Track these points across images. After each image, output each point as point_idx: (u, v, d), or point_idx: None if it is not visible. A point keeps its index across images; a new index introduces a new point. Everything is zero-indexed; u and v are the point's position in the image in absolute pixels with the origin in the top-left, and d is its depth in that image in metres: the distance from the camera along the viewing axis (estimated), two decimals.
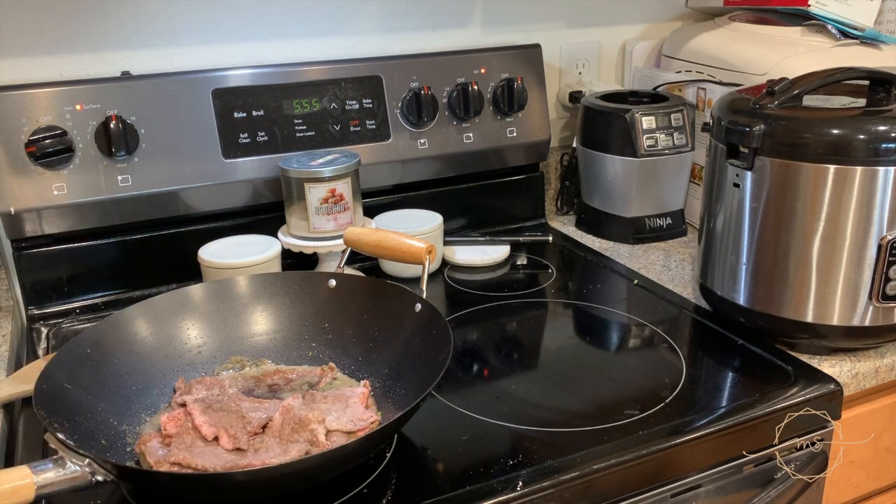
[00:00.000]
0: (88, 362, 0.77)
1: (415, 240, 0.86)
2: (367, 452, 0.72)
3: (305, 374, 0.84)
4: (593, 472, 0.72)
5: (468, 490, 0.69)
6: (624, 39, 1.43)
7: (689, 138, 1.23)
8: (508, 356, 0.93)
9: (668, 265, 1.17)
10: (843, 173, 0.82)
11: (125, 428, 0.75)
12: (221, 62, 1.15)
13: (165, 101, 1.05)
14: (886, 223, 0.83)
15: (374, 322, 0.86)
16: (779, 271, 0.88)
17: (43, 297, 1.05)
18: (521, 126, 1.26)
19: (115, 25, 1.08)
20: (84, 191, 1.02)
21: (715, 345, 0.94)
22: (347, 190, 1.05)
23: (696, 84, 1.27)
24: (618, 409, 0.81)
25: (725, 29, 1.29)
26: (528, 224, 1.34)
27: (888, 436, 0.97)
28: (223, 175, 1.08)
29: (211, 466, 0.69)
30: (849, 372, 0.88)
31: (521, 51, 1.25)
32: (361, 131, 1.16)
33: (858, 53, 1.17)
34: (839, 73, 0.88)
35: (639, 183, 1.23)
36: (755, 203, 0.88)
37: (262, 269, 1.00)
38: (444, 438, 0.78)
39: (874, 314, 0.86)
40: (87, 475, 0.62)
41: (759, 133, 0.85)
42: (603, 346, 0.96)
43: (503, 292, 1.09)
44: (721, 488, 0.81)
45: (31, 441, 0.79)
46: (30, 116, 0.99)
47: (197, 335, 0.86)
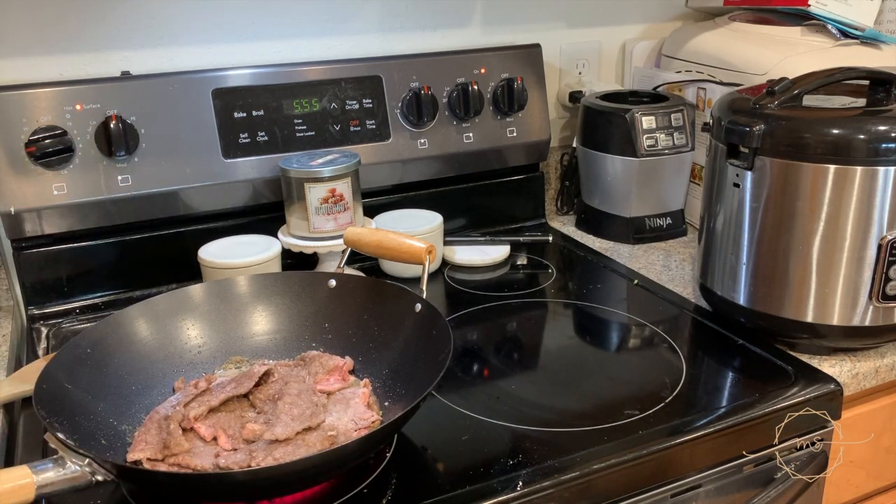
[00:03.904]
0: (88, 362, 0.77)
1: (415, 240, 0.86)
2: (367, 452, 0.72)
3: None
4: (593, 472, 0.72)
5: (468, 490, 0.69)
6: (624, 39, 1.43)
7: (689, 138, 1.23)
8: (508, 356, 0.93)
9: (668, 265, 1.17)
10: (843, 173, 0.82)
11: (125, 428, 0.75)
12: (221, 62, 1.15)
13: (165, 101, 1.05)
14: (886, 223, 0.83)
15: (374, 322, 0.86)
16: (779, 271, 0.88)
17: (43, 297, 1.05)
18: (521, 126, 1.26)
19: (115, 25, 1.08)
20: (84, 191, 1.02)
21: (715, 345, 0.94)
22: (347, 190, 1.05)
23: (696, 84, 1.27)
24: (618, 409, 0.81)
25: (725, 29, 1.29)
26: (528, 224, 1.34)
27: (888, 436, 0.97)
28: (223, 175, 1.08)
29: (210, 466, 0.69)
30: (849, 372, 0.88)
31: (521, 51, 1.25)
32: (361, 131, 1.16)
33: (858, 53, 1.17)
34: (839, 73, 0.88)
35: (639, 183, 1.23)
36: (755, 203, 0.88)
37: (262, 269, 1.00)
38: (444, 438, 0.78)
39: (874, 314, 0.86)
40: (87, 475, 0.62)
41: (759, 133, 0.85)
42: (603, 346, 0.96)
43: (503, 292, 1.09)
44: (721, 488, 0.81)
45: (31, 441, 0.79)
46: (30, 116, 0.99)
47: (197, 335, 0.86)
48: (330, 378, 0.81)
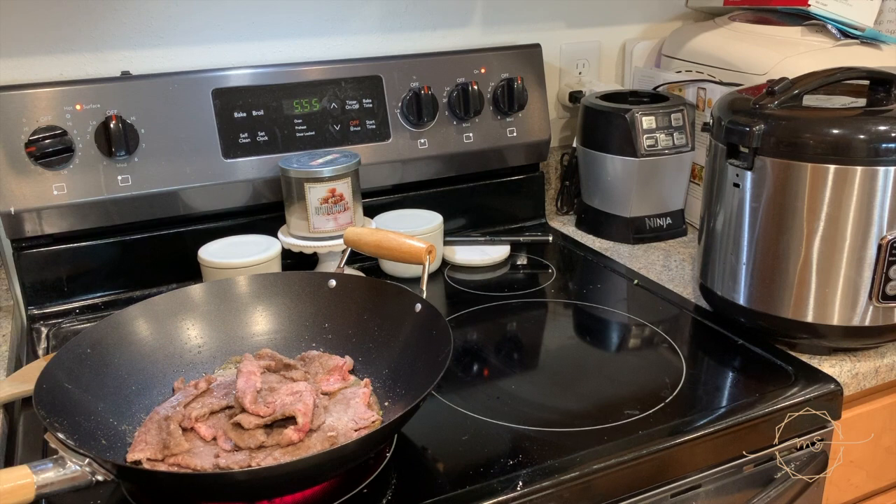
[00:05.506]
0: (88, 362, 0.77)
1: (415, 240, 0.86)
2: (367, 452, 0.72)
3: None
4: (593, 472, 0.72)
5: (468, 490, 0.69)
6: (624, 39, 1.43)
7: (689, 138, 1.23)
8: (508, 356, 0.93)
9: (668, 265, 1.17)
10: (843, 173, 0.82)
11: (125, 428, 0.75)
12: (221, 62, 1.15)
13: (165, 101, 1.05)
14: (886, 223, 0.83)
15: (374, 322, 0.86)
16: (779, 271, 0.88)
17: (43, 297, 1.05)
18: (521, 126, 1.26)
19: (115, 25, 1.08)
20: (84, 191, 1.02)
21: (715, 345, 0.94)
22: (347, 190, 1.05)
23: (696, 84, 1.27)
24: (618, 409, 0.81)
25: (725, 29, 1.29)
26: (528, 224, 1.34)
27: (888, 436, 0.97)
28: (223, 175, 1.08)
29: (210, 466, 0.69)
30: (849, 372, 0.88)
31: (521, 51, 1.25)
32: (361, 131, 1.16)
33: (858, 53, 1.17)
34: (839, 73, 0.88)
35: (639, 183, 1.23)
36: (755, 203, 0.88)
37: (262, 269, 1.00)
38: (444, 438, 0.78)
39: (874, 314, 0.86)
40: (87, 475, 0.62)
41: (759, 133, 0.85)
42: (603, 346, 0.96)
43: (503, 292, 1.09)
44: (721, 488, 0.81)
45: (31, 441, 0.79)
46: (30, 116, 0.99)
47: (197, 335, 0.86)
48: (330, 378, 0.81)
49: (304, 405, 0.72)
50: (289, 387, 0.76)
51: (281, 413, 0.72)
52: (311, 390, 0.75)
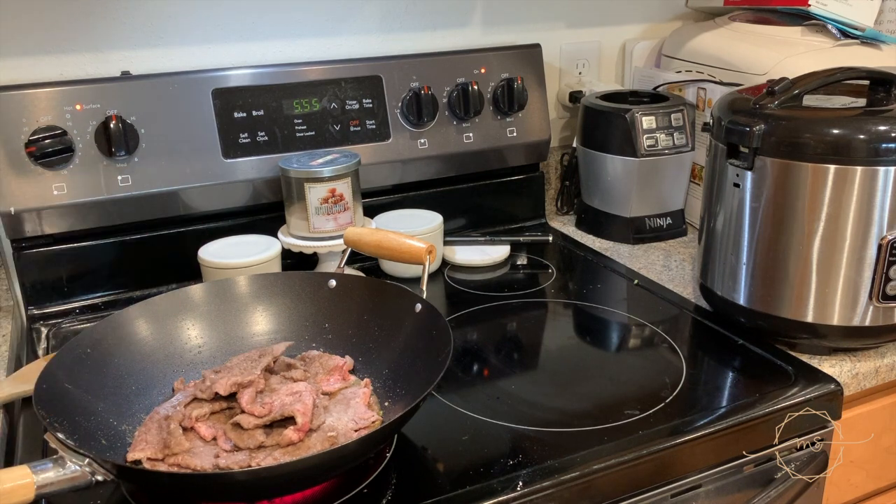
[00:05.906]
0: (88, 362, 0.77)
1: (415, 240, 0.86)
2: (367, 452, 0.72)
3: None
4: (593, 472, 0.72)
5: (468, 490, 0.69)
6: (624, 39, 1.43)
7: (689, 138, 1.23)
8: (508, 356, 0.93)
9: (668, 265, 1.17)
10: (843, 173, 0.82)
11: (125, 428, 0.75)
12: (221, 62, 1.15)
13: (165, 101, 1.05)
14: (886, 223, 0.83)
15: (374, 322, 0.86)
16: (779, 271, 0.88)
17: (43, 297, 1.05)
18: (521, 126, 1.26)
19: (115, 25, 1.08)
20: (84, 191, 1.02)
21: (715, 345, 0.94)
22: (347, 190, 1.05)
23: (696, 84, 1.27)
24: (618, 409, 0.81)
25: (725, 29, 1.29)
26: (528, 224, 1.34)
27: (888, 436, 0.97)
28: (223, 175, 1.08)
29: (210, 466, 0.69)
30: (849, 372, 0.88)
31: (521, 51, 1.25)
32: (361, 131, 1.16)
33: (858, 53, 1.17)
34: (839, 73, 0.88)
35: (639, 183, 1.23)
36: (755, 203, 0.88)
37: (262, 269, 1.00)
38: (444, 438, 0.78)
39: (874, 314, 0.86)
40: (87, 475, 0.62)
41: (759, 133, 0.85)
42: (603, 346, 0.96)
43: (503, 292, 1.09)
44: (721, 488, 0.81)
45: (31, 441, 0.79)
46: (30, 116, 0.99)
47: (197, 335, 0.86)
48: (330, 378, 0.81)
49: (303, 405, 0.72)
50: (288, 387, 0.76)
51: (280, 413, 0.72)
52: (310, 390, 0.75)
